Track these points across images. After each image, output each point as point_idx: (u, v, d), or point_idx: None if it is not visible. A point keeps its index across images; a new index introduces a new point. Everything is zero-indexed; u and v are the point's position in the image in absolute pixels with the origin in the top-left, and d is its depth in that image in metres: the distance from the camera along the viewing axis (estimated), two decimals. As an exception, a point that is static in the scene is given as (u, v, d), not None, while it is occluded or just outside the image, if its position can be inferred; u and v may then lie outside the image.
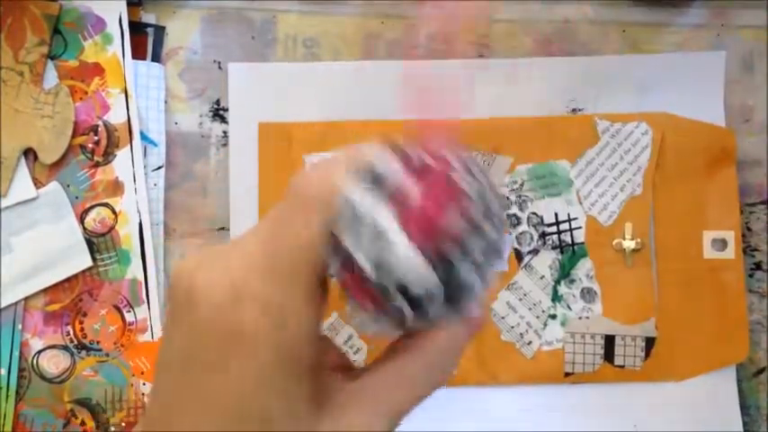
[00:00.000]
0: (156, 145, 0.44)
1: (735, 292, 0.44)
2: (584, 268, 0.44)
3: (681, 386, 0.44)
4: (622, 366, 0.43)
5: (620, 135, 0.45)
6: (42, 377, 0.42)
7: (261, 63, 0.46)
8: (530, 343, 0.44)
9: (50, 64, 0.44)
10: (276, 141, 0.45)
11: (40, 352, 0.42)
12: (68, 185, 0.43)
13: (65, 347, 0.43)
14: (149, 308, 0.43)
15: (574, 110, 0.45)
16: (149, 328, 0.43)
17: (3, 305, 0.42)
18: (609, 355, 0.44)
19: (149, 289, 0.43)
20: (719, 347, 0.43)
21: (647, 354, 0.43)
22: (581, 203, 0.45)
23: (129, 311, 0.43)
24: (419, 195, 0.21)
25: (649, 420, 0.43)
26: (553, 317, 0.44)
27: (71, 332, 0.43)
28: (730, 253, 0.44)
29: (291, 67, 0.46)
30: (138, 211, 0.43)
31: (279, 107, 0.45)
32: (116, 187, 0.44)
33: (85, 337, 0.43)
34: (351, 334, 0.44)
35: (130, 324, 0.43)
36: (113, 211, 0.43)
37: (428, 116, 0.22)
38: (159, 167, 0.44)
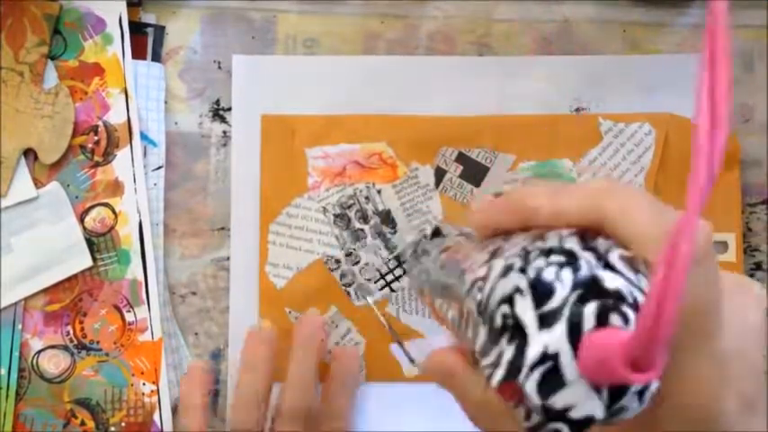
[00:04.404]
0: (155, 145, 0.44)
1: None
2: (584, 268, 0.44)
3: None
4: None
5: (624, 135, 0.45)
6: (42, 377, 0.42)
7: (265, 56, 0.46)
8: (530, 343, 0.44)
9: (50, 64, 0.44)
10: (279, 135, 0.45)
11: (40, 352, 0.42)
12: (68, 185, 0.43)
13: (65, 347, 0.42)
14: (149, 308, 0.43)
15: (577, 109, 0.45)
16: (149, 328, 0.43)
17: (3, 305, 0.42)
18: (609, 355, 0.43)
19: (149, 289, 0.43)
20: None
21: (648, 354, 0.43)
22: (582, 203, 0.44)
23: (129, 311, 0.43)
24: None
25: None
26: (553, 317, 0.44)
27: (71, 332, 0.43)
28: (731, 256, 0.44)
29: (295, 61, 0.46)
30: (138, 211, 0.43)
31: (282, 100, 0.45)
32: (116, 187, 0.43)
33: (85, 337, 0.43)
34: (349, 327, 0.44)
35: (130, 324, 0.43)
36: (113, 211, 0.43)
37: None
38: (159, 167, 0.44)
